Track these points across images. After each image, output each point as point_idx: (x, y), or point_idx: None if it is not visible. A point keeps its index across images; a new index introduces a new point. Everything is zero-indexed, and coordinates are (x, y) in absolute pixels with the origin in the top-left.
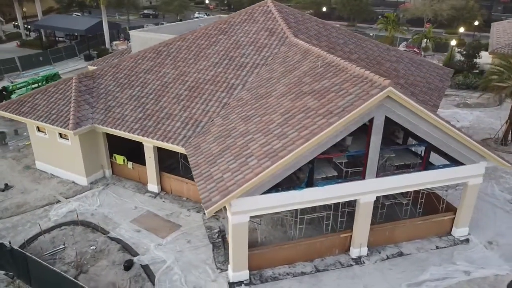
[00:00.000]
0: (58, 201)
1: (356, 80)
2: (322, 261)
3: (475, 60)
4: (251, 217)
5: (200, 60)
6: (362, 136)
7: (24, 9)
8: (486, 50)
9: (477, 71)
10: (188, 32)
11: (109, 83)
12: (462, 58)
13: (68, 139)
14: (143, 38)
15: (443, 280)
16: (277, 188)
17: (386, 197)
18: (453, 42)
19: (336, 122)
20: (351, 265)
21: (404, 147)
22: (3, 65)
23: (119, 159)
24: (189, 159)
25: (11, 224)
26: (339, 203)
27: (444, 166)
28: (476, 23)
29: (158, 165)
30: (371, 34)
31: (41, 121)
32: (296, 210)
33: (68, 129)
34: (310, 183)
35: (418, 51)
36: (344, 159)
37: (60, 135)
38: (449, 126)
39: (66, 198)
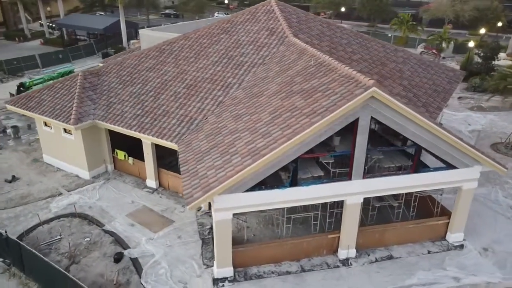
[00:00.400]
0: (60, 194)
1: (343, 80)
2: (309, 261)
3: (493, 62)
4: (236, 214)
5: (200, 58)
6: (351, 137)
7: (48, 8)
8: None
9: (494, 73)
10: (192, 31)
11: (112, 80)
12: (480, 60)
13: (71, 134)
14: (152, 37)
15: (430, 285)
16: (262, 186)
17: (377, 199)
18: (471, 44)
19: (318, 122)
20: (338, 266)
21: (394, 149)
22: (24, 62)
23: (121, 154)
24: (179, 156)
25: (14, 214)
26: (327, 203)
27: (436, 169)
28: (500, 24)
29: (156, 161)
30: (389, 35)
31: (45, 115)
32: (283, 209)
33: (69, 124)
34: (294, 182)
35: (437, 53)
36: (331, 159)
37: (65, 130)
38: (438, 128)
39: (68, 191)
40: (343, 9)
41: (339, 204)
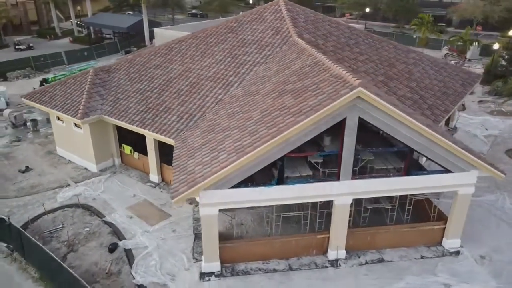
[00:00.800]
0: (68, 185)
1: (332, 80)
2: (298, 260)
3: None
4: (224, 210)
5: (206, 57)
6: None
7: (78, 7)
8: None
9: None
10: (201, 30)
11: (121, 77)
12: (504, 63)
13: (81, 128)
14: (165, 36)
15: None
16: (250, 183)
17: (370, 200)
18: (496, 46)
19: (302, 121)
20: (326, 267)
21: (386, 151)
22: (51, 59)
23: (127, 149)
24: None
25: (23, 202)
26: (317, 203)
27: (430, 172)
28: None
29: (158, 156)
30: (414, 37)
31: (56, 109)
32: (272, 207)
33: (77, 118)
34: (280, 181)
35: (461, 54)
36: (320, 159)
37: (75, 124)
38: (430, 131)
39: (75, 183)
40: (367, 10)
41: (330, 204)
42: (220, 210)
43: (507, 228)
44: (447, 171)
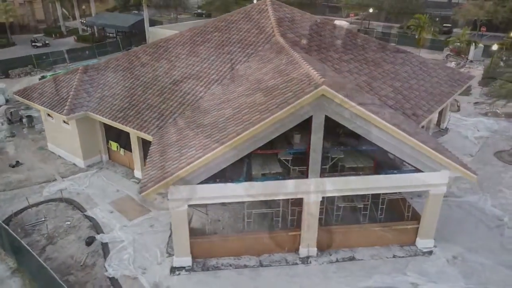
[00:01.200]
0: (55, 180)
1: (301, 79)
2: (269, 256)
3: None
4: (196, 206)
5: (191, 55)
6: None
7: (83, 7)
8: None
9: None
10: (188, 29)
11: (109, 75)
12: (503, 64)
13: (68, 124)
14: (159, 34)
15: None
16: (219, 179)
17: (343, 199)
18: (495, 47)
19: (267, 118)
20: (297, 263)
21: (355, 149)
22: (53, 57)
23: (113, 145)
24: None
25: (10, 196)
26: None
27: (400, 172)
28: None
29: (142, 152)
30: (417, 37)
31: (43, 105)
32: (244, 203)
33: (62, 114)
34: (249, 177)
35: (462, 56)
36: (290, 157)
37: (64, 120)
38: (398, 130)
39: (62, 178)
40: (371, 10)
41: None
42: (190, 206)
43: (485, 230)
44: (418, 170)
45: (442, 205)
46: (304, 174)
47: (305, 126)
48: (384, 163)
